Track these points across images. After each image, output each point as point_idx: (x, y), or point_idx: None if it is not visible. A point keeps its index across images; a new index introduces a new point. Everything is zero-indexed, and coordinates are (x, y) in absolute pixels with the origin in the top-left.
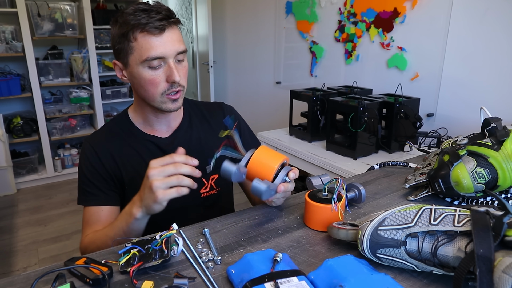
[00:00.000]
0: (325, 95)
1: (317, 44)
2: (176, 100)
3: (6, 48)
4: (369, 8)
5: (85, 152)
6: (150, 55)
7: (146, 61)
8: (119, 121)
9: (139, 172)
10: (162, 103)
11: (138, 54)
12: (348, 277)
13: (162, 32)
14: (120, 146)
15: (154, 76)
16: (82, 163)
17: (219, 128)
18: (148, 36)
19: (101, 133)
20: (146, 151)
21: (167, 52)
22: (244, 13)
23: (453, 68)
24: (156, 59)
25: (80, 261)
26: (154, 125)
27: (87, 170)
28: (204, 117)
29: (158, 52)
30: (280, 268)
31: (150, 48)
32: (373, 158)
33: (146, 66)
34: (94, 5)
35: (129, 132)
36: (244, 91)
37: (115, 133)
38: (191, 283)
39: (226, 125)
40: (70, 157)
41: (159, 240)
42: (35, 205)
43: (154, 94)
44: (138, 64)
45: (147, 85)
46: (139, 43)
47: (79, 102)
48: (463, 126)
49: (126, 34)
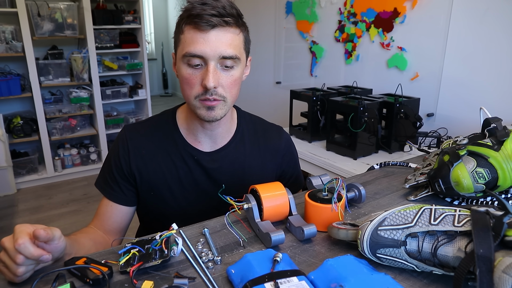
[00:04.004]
0: (325, 95)
1: (317, 44)
2: (211, 108)
3: (6, 48)
4: (369, 8)
5: (118, 143)
6: (189, 50)
7: (185, 56)
8: (165, 120)
9: (168, 182)
10: (197, 108)
11: (181, 48)
12: (348, 277)
13: (210, 29)
14: (156, 150)
15: (190, 76)
16: (112, 152)
17: (267, 154)
18: (193, 31)
19: (142, 127)
20: (182, 164)
21: (208, 53)
22: (244, 13)
23: (453, 68)
24: (195, 56)
25: (80, 261)
26: (198, 135)
27: (114, 162)
28: (257, 138)
29: (197, 49)
30: (280, 268)
31: (191, 43)
32: (373, 158)
33: (186, 63)
34: (94, 5)
35: (170, 137)
36: (244, 91)
37: (156, 132)
38: (191, 283)
39: None
40: (70, 157)
41: (159, 240)
42: (35, 205)
43: (188, 95)
44: (180, 59)
45: (184, 83)
46: (185, 36)
47: (79, 102)
48: (463, 126)
49: (179, 25)
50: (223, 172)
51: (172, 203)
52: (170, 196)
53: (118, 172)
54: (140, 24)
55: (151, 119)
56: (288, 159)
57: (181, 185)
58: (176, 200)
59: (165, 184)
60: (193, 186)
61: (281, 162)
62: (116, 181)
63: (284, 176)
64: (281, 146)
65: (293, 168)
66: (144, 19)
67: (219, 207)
